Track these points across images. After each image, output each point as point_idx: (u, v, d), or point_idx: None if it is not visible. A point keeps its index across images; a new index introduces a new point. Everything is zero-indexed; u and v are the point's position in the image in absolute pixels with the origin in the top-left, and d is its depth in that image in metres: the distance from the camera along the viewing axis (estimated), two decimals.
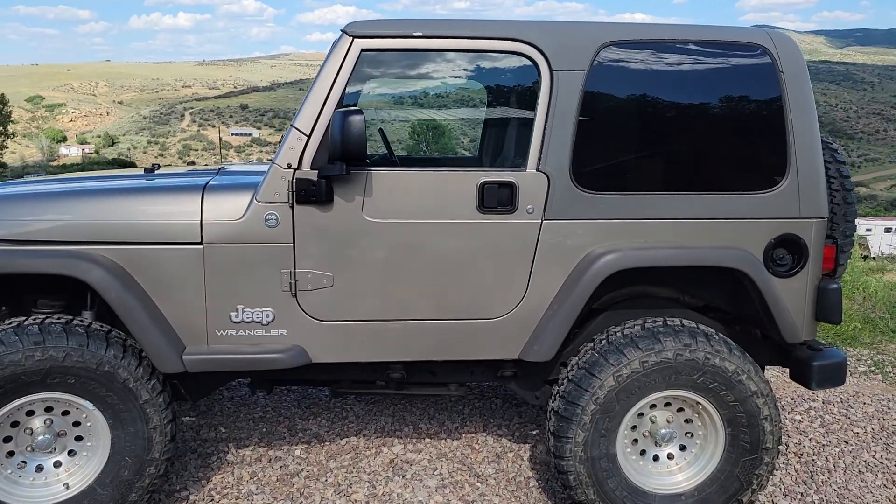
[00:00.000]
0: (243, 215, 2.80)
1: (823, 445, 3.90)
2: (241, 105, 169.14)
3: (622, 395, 2.88)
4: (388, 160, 3.79)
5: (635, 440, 3.06)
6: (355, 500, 3.26)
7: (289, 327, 2.88)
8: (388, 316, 2.93)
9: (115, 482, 2.79)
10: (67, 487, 2.79)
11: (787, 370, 3.29)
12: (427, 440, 3.85)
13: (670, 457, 3.09)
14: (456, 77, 3.37)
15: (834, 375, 3.15)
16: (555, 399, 3.02)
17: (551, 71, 2.90)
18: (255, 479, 3.41)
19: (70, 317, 2.79)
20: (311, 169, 2.79)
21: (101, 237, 2.77)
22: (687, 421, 3.06)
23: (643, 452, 3.08)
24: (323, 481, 3.41)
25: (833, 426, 4.15)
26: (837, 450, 3.85)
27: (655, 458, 3.09)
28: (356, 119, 2.62)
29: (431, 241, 2.89)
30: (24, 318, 2.76)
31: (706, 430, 3.03)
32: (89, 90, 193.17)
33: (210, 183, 2.90)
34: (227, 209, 2.82)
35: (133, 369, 2.76)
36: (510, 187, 2.89)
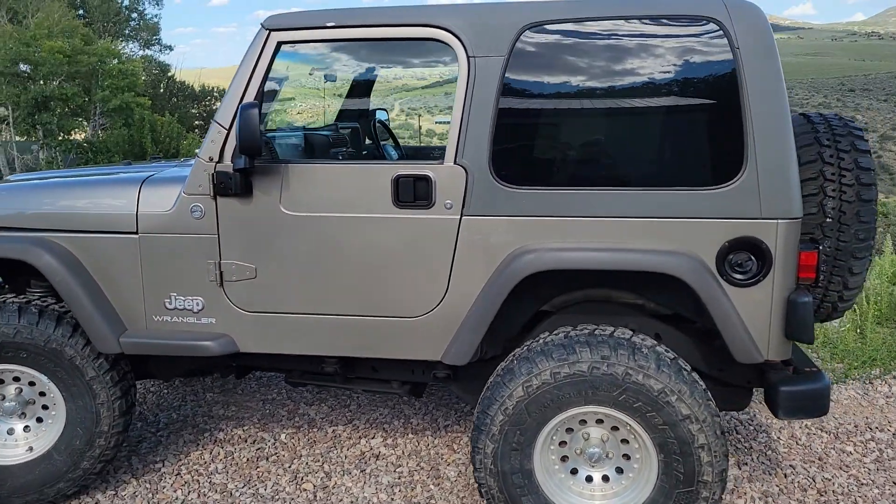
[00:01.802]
0: (172, 207, 2.94)
1: (862, 485, 3.29)
2: (446, 93, 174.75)
3: (533, 408, 2.64)
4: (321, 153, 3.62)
5: (565, 457, 2.80)
6: (303, 490, 3.31)
7: (217, 316, 2.98)
8: (309, 310, 2.93)
9: (68, 450, 3.08)
10: (31, 450, 3.12)
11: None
12: (410, 436, 3.79)
13: (605, 479, 2.78)
14: (384, 66, 3.26)
15: (808, 405, 2.67)
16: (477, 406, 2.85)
17: (468, 57, 2.71)
18: (227, 458, 3.59)
19: (31, 297, 3.11)
20: (231, 162, 2.86)
21: (55, 225, 3.04)
22: (624, 441, 2.74)
23: (574, 471, 2.80)
24: (286, 467, 3.50)
25: (891, 464, 3.48)
26: (877, 491, 3.23)
27: (589, 478, 2.80)
28: (248, 113, 2.64)
29: (349, 235, 2.84)
30: None
31: (642, 454, 2.69)
32: None
33: (150, 176, 3.08)
34: (159, 201, 2.97)
35: (80, 348, 3.02)
36: (426, 181, 2.75)
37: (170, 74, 37.84)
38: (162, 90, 36.19)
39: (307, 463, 3.54)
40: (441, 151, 2.78)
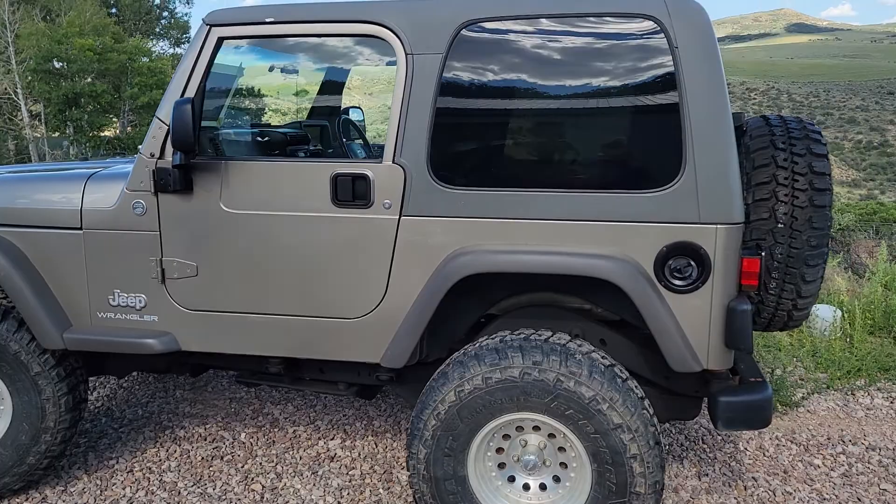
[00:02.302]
0: (115, 203, 2.93)
1: (824, 500, 3.17)
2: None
3: (465, 413, 2.58)
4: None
5: (502, 464, 2.73)
6: (252, 490, 3.28)
7: (159, 314, 2.97)
8: (250, 309, 2.90)
9: (14, 445, 3.09)
10: None
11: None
12: (369, 438, 3.75)
13: (542, 487, 2.71)
14: (324, 63, 3.21)
15: (747, 416, 2.57)
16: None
17: (406, 54, 2.65)
18: (182, 456, 3.58)
19: None
20: (171, 158, 2.84)
21: (2, 220, 3.05)
22: (560, 449, 2.66)
23: (512, 479, 2.73)
24: (239, 467, 3.47)
25: (858, 479, 3.35)
26: None
27: (526, 486, 2.73)
28: (181, 109, 2.62)
29: (288, 234, 2.80)
30: None
31: (578, 463, 2.61)
32: None
33: (96, 172, 3.07)
34: (103, 197, 2.96)
35: (25, 343, 3.02)
36: (365, 180, 2.71)
37: None
38: None
39: (261, 463, 3.51)
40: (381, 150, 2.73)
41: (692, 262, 2.50)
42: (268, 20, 2.77)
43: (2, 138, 36.49)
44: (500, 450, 2.72)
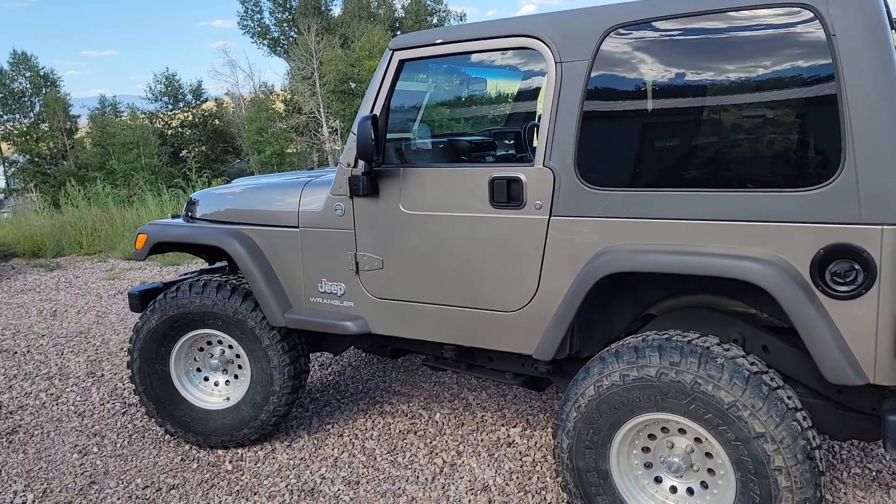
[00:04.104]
0: (322, 206, 3.46)
1: None
2: None
3: (604, 408, 2.64)
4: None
5: (649, 464, 2.73)
6: (434, 463, 3.63)
7: (355, 300, 3.42)
8: (423, 298, 3.22)
9: (251, 403, 3.77)
10: (228, 400, 3.88)
11: None
12: (549, 429, 3.90)
13: (690, 492, 2.67)
14: (494, 76, 3.39)
15: None
16: None
17: (556, 63, 2.79)
18: (384, 428, 4.05)
19: (229, 277, 3.87)
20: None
21: (244, 220, 3.74)
22: (708, 455, 2.60)
23: (659, 480, 2.73)
24: (427, 442, 3.85)
25: None
26: None
27: (673, 489, 2.70)
28: (363, 124, 3.02)
29: (453, 232, 3.08)
30: None
31: (724, 470, 2.53)
32: None
33: (312, 180, 3.64)
34: (314, 201, 3.51)
35: (259, 320, 3.69)
36: (518, 183, 2.89)
37: None
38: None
39: (447, 441, 3.85)
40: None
41: (857, 266, 2.30)
42: (437, 41, 3.08)
43: (308, 151, 42.24)
44: (646, 449, 2.73)
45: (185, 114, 47.13)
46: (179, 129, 46.79)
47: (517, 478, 3.45)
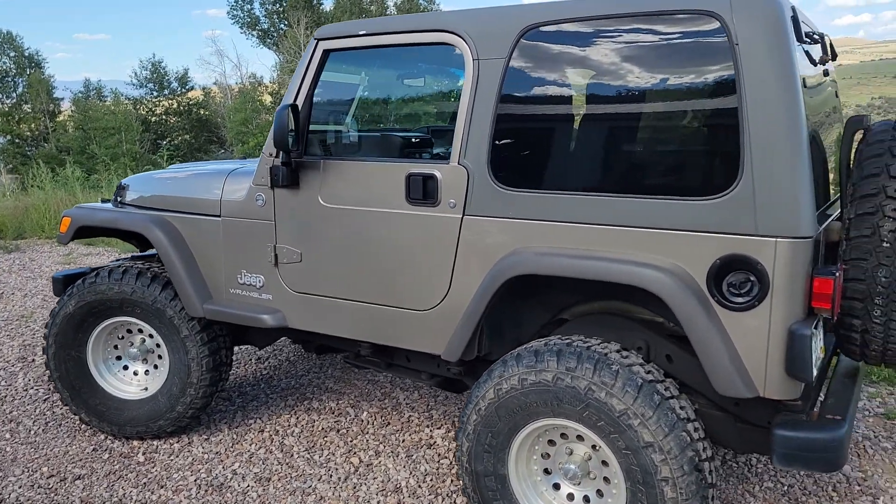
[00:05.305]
0: (244, 195, 3.39)
1: None
2: None
3: (503, 412, 2.60)
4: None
5: (548, 470, 2.69)
6: (350, 462, 3.57)
7: (273, 293, 3.36)
8: (339, 294, 3.16)
9: (168, 394, 3.70)
10: (146, 390, 3.80)
11: None
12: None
13: (586, 500, 2.63)
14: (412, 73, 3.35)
15: (805, 455, 2.25)
16: None
17: (473, 60, 2.74)
18: (307, 425, 3.99)
19: (151, 265, 3.79)
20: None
21: (168, 206, 3.67)
22: (604, 463, 2.56)
23: (557, 486, 2.69)
24: (348, 441, 3.79)
25: None
26: None
27: (570, 496, 2.67)
28: (279, 114, 2.97)
29: (369, 228, 3.02)
30: None
31: (618, 479, 2.49)
32: None
33: (236, 169, 3.56)
34: (236, 190, 3.44)
35: (178, 310, 3.61)
36: (433, 180, 2.84)
37: None
38: None
39: (368, 440, 3.79)
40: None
41: (752, 278, 2.27)
42: (361, 32, 3.03)
43: None
44: (546, 455, 2.69)
45: (170, 101, 46.77)
46: (164, 117, 46.43)
47: (431, 480, 3.40)
